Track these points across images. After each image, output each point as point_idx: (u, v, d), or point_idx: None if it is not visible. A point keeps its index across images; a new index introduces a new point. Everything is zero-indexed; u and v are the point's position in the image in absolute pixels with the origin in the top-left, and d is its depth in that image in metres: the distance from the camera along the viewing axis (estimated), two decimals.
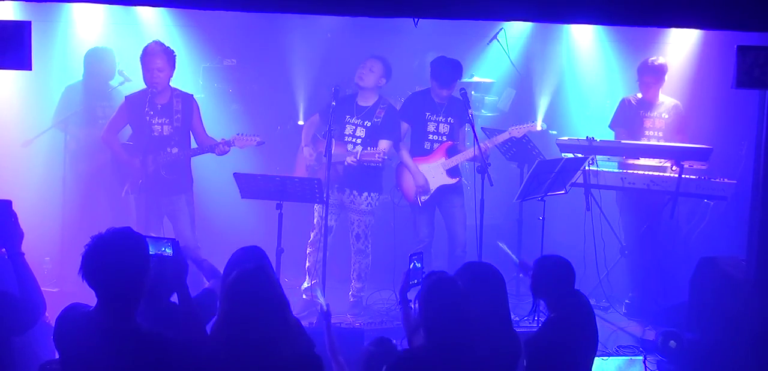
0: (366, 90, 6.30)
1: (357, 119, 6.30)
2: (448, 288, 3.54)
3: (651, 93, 6.66)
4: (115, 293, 3.13)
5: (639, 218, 6.64)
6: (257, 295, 3.28)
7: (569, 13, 4.74)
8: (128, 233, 3.22)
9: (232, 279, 3.36)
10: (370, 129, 6.27)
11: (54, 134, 6.79)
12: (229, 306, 3.32)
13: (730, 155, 6.92)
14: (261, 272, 3.39)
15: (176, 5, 6.34)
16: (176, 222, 6.12)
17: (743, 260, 5.02)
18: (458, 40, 6.90)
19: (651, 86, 6.63)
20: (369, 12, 4.82)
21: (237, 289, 3.31)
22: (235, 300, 3.29)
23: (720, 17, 4.47)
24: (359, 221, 6.37)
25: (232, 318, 3.27)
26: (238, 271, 3.38)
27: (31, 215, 6.72)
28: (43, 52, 6.12)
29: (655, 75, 6.62)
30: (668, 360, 5.44)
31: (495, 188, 6.03)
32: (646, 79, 6.64)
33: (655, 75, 6.62)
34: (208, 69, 7.85)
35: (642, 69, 6.68)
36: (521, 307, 6.48)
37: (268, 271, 3.50)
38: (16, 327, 3.56)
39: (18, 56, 4.01)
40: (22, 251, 3.47)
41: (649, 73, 6.63)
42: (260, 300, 3.27)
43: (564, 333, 3.96)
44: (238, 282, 3.32)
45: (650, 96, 6.67)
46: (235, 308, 3.28)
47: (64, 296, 6.09)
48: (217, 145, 6.00)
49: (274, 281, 3.40)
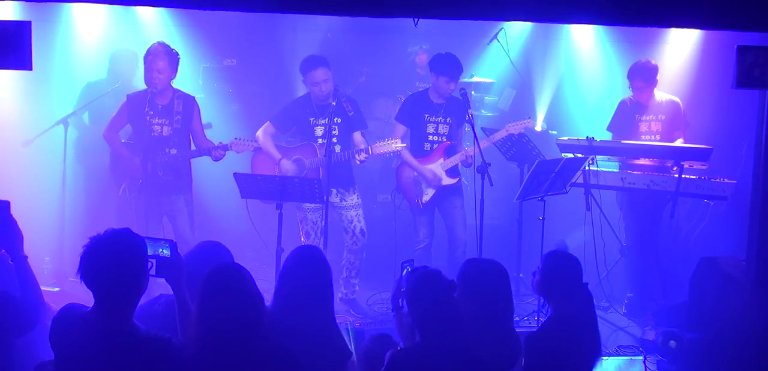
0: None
1: (324, 119, 6.19)
2: (434, 280, 3.59)
3: (643, 96, 6.57)
4: (112, 294, 3.12)
5: (639, 218, 6.63)
6: (234, 289, 3.27)
7: (569, 13, 4.73)
8: (127, 234, 3.21)
9: (206, 276, 3.34)
10: (342, 125, 6.25)
11: (54, 134, 6.79)
12: (204, 303, 3.28)
13: (730, 155, 6.92)
14: (234, 267, 3.40)
15: (176, 5, 6.34)
16: (175, 222, 6.13)
17: (743, 260, 5.02)
18: (458, 40, 6.91)
19: (643, 89, 6.53)
20: (369, 12, 4.82)
21: (212, 285, 3.30)
22: (212, 296, 3.27)
23: (720, 17, 4.46)
24: (358, 215, 6.37)
25: (208, 316, 3.25)
26: (212, 268, 3.37)
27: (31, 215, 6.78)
28: (43, 52, 6.11)
29: (643, 78, 6.51)
30: (668, 360, 5.43)
31: (495, 188, 6.02)
32: (635, 84, 6.54)
33: (643, 78, 6.51)
34: (208, 69, 7.86)
35: (630, 73, 6.58)
36: (521, 307, 6.49)
37: (238, 265, 3.49)
38: (16, 328, 3.56)
39: (18, 56, 4.01)
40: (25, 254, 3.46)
41: (637, 76, 6.53)
42: (237, 293, 3.26)
43: (567, 330, 3.95)
44: (212, 278, 3.31)
45: (643, 98, 6.58)
46: (212, 304, 3.25)
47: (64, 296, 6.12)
48: (213, 149, 6.00)
49: (246, 274, 3.38)
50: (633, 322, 6.39)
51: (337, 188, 6.22)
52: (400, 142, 6.19)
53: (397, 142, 6.15)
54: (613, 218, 6.77)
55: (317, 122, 6.25)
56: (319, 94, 6.16)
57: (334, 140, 6.10)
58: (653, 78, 6.54)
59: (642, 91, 6.54)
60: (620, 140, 6.57)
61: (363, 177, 7.12)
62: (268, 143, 6.29)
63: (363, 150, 6.10)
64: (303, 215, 6.36)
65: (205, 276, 3.32)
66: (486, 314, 3.78)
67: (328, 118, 5.99)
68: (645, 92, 6.56)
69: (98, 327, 3.12)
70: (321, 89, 6.14)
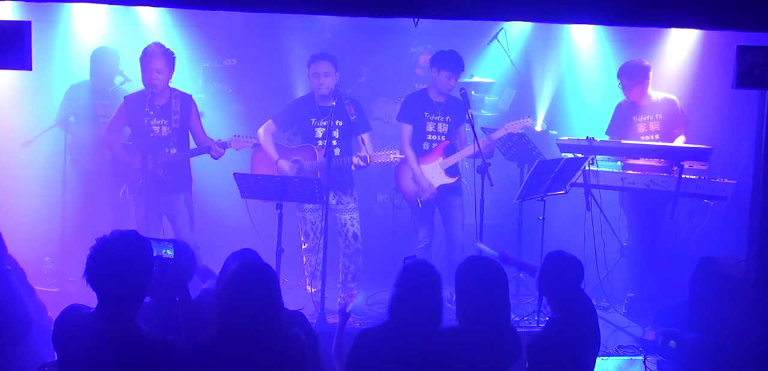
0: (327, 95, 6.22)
1: (325, 121, 6.18)
2: (425, 269, 3.71)
3: (634, 94, 6.55)
4: (117, 295, 3.13)
5: (640, 218, 6.63)
6: (247, 286, 3.31)
7: (569, 13, 4.73)
8: (133, 236, 3.22)
9: (225, 276, 3.39)
10: (343, 128, 6.24)
11: (54, 134, 6.79)
12: (222, 302, 3.35)
13: (730, 155, 6.92)
14: (251, 266, 3.43)
15: (176, 5, 6.34)
16: (175, 222, 6.13)
17: (743, 261, 5.02)
18: (458, 40, 6.90)
19: (630, 88, 6.51)
20: (369, 12, 4.81)
21: (229, 283, 3.36)
22: (228, 293, 3.32)
23: (720, 17, 4.46)
24: (352, 219, 6.36)
25: (224, 313, 3.30)
26: (231, 269, 3.42)
27: (31, 215, 6.81)
28: (43, 52, 6.12)
29: (628, 76, 6.50)
30: (668, 360, 5.43)
31: (495, 188, 6.02)
32: (622, 82, 6.54)
33: (628, 76, 6.50)
34: (208, 69, 7.85)
35: (618, 73, 6.58)
36: (521, 307, 6.50)
37: (259, 264, 3.50)
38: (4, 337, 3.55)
39: (18, 56, 4.01)
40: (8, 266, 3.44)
41: (622, 74, 6.53)
42: (250, 290, 3.30)
43: (568, 333, 3.96)
44: (231, 278, 3.36)
45: (635, 98, 6.57)
46: (227, 302, 3.30)
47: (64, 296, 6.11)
48: (212, 146, 6.00)
49: (264, 273, 3.41)
50: (633, 322, 6.39)
51: (334, 191, 6.21)
52: (398, 153, 6.18)
53: (395, 153, 6.15)
54: (613, 218, 6.77)
55: (318, 123, 6.25)
56: (319, 88, 6.16)
57: (334, 142, 6.10)
58: (640, 76, 6.50)
59: (630, 89, 6.53)
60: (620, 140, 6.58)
61: (363, 177, 7.12)
62: (268, 142, 6.29)
63: (361, 158, 6.10)
64: (302, 216, 6.37)
65: (225, 277, 3.34)
66: (482, 312, 3.80)
67: (329, 120, 5.99)
68: (634, 91, 6.53)
69: (102, 328, 3.12)
70: (320, 83, 6.14)
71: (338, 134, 6.19)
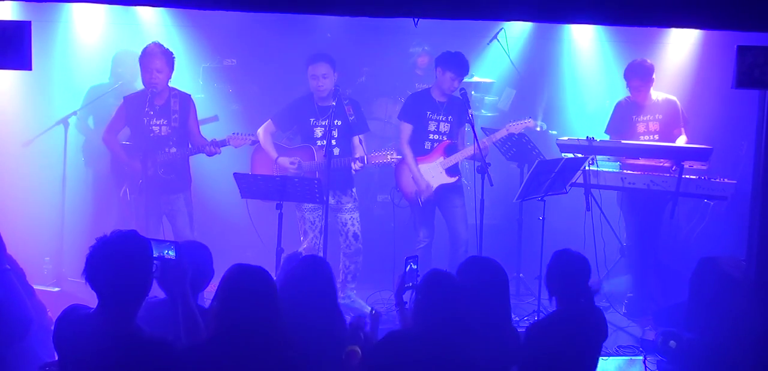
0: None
1: (324, 121, 6.19)
2: (447, 281, 3.67)
3: (640, 95, 6.56)
4: (117, 296, 3.12)
5: (639, 218, 6.63)
6: (246, 286, 3.32)
7: (569, 13, 4.73)
8: (133, 236, 3.21)
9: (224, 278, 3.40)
10: (342, 128, 6.24)
11: (54, 134, 6.79)
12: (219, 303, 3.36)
13: (730, 155, 6.91)
14: (250, 269, 3.42)
15: (176, 5, 6.34)
16: (175, 222, 6.13)
17: (743, 260, 5.02)
18: (458, 40, 6.90)
19: (640, 89, 6.53)
20: (369, 12, 4.82)
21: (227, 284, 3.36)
22: (225, 295, 3.33)
23: (720, 17, 4.46)
24: (352, 219, 6.36)
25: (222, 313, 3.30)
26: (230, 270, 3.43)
27: (31, 215, 6.81)
28: (43, 52, 6.12)
29: (640, 77, 6.50)
30: (668, 360, 5.42)
31: (495, 188, 6.02)
32: (633, 83, 6.54)
33: (640, 77, 6.50)
34: (208, 69, 7.85)
35: (627, 73, 6.57)
36: (521, 307, 6.50)
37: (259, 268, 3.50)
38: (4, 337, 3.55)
39: (18, 56, 4.02)
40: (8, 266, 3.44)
41: (635, 75, 6.52)
42: (249, 290, 3.30)
43: (568, 329, 3.96)
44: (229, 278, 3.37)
45: (640, 98, 6.58)
46: (225, 303, 3.31)
47: (64, 296, 6.11)
48: (207, 145, 6.00)
49: (263, 275, 3.40)
50: (633, 322, 6.39)
51: (333, 190, 6.20)
52: (395, 154, 6.19)
53: (392, 153, 6.16)
54: (613, 218, 6.77)
55: (317, 123, 6.25)
56: (318, 89, 6.16)
57: (333, 142, 6.10)
58: (650, 77, 6.53)
59: (639, 90, 6.53)
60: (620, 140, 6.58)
61: (362, 177, 7.11)
62: (267, 142, 6.29)
63: (358, 159, 6.10)
64: (301, 215, 6.37)
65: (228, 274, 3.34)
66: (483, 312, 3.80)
67: (328, 120, 5.99)
68: (642, 92, 6.55)
69: (102, 328, 3.12)
70: (319, 84, 6.14)
71: (337, 134, 6.19)
